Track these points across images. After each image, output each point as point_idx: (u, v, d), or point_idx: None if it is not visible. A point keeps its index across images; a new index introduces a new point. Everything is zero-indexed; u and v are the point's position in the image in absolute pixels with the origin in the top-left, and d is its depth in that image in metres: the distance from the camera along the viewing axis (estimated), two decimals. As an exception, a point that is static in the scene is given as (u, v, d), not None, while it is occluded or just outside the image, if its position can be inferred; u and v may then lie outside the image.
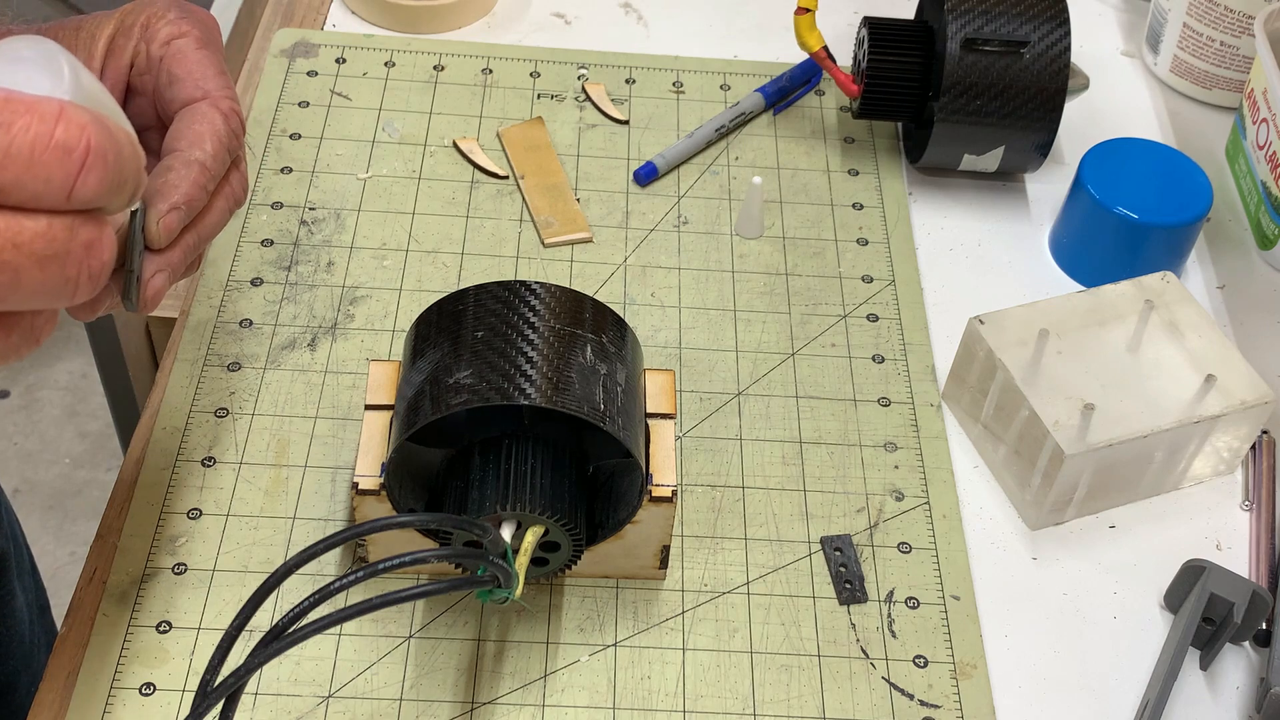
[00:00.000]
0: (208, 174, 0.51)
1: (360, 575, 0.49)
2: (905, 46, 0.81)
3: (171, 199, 0.50)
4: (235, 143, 0.53)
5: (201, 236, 0.52)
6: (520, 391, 0.56)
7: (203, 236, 0.52)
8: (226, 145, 0.52)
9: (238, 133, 0.53)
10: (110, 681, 0.59)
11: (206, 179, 0.51)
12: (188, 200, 0.50)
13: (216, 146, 0.52)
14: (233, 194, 0.54)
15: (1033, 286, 0.79)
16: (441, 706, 0.59)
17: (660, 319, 0.75)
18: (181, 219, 0.50)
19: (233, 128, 0.53)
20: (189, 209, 0.50)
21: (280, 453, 0.67)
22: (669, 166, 0.83)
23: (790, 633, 0.63)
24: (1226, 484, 0.71)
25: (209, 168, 0.51)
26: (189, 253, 0.51)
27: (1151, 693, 0.61)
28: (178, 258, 0.51)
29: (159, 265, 0.50)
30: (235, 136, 0.53)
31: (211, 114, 0.52)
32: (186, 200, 0.50)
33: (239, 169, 0.54)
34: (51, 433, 1.73)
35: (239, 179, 0.54)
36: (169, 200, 0.50)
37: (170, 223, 0.49)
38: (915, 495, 0.68)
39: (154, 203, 0.50)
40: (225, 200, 0.53)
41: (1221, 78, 0.90)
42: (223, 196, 0.53)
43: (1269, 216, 0.81)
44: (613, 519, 0.61)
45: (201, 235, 0.52)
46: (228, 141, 0.52)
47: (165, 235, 0.49)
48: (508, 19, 0.92)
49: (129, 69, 0.54)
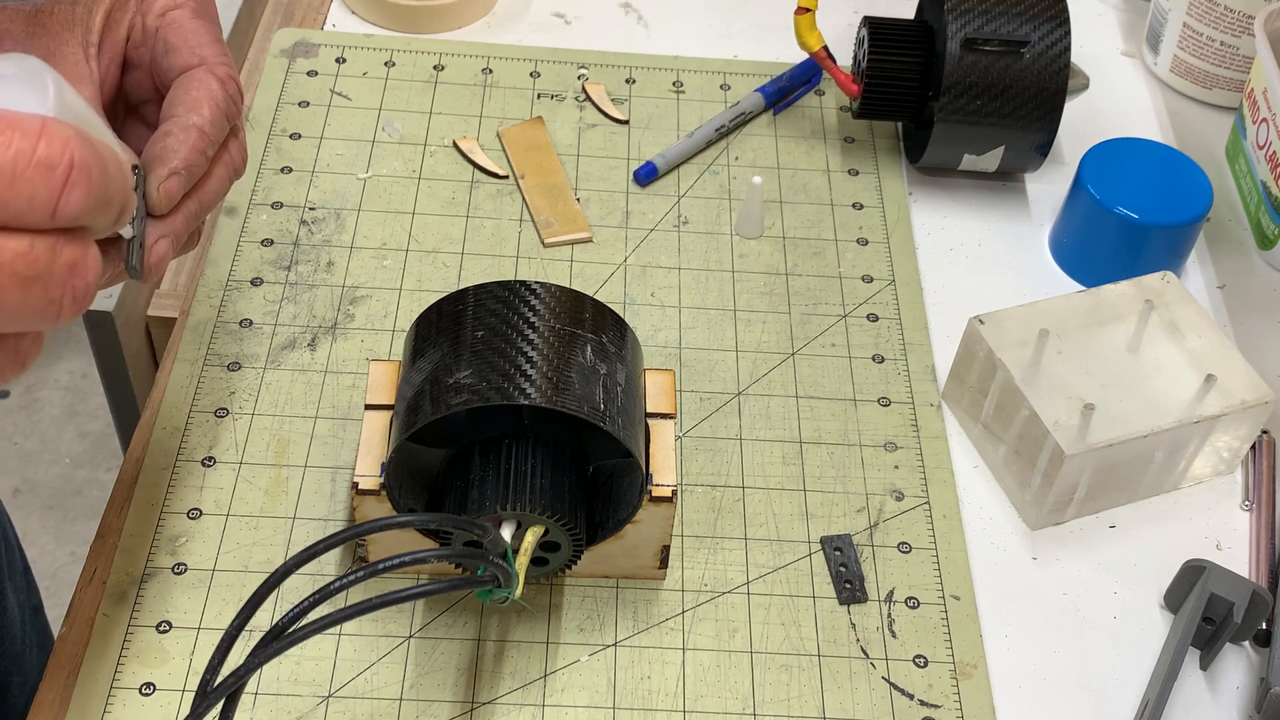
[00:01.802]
0: (206, 139, 0.50)
1: (360, 575, 0.49)
2: (905, 46, 0.81)
3: (171, 164, 0.49)
4: (233, 108, 0.52)
5: (203, 204, 0.52)
6: (520, 391, 0.55)
7: (204, 204, 0.52)
8: (224, 110, 0.52)
9: (235, 99, 0.52)
10: (110, 681, 0.59)
11: (205, 144, 0.50)
12: (187, 165, 0.49)
13: (214, 112, 0.51)
14: (232, 162, 0.53)
15: (1033, 286, 0.79)
16: (441, 706, 0.59)
17: (660, 319, 0.75)
18: (182, 183, 0.49)
19: (230, 93, 0.52)
20: (189, 174, 0.50)
21: (280, 453, 0.67)
22: (669, 166, 0.83)
23: (790, 633, 0.63)
24: (1226, 484, 0.71)
25: (207, 133, 0.51)
26: (191, 220, 0.51)
27: (1151, 693, 0.61)
28: (180, 224, 0.50)
29: (162, 231, 0.49)
30: (233, 102, 0.52)
31: (208, 80, 0.52)
32: (185, 165, 0.49)
33: (238, 137, 0.54)
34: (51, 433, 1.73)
35: (238, 147, 0.54)
36: (168, 165, 0.49)
37: (171, 187, 0.49)
38: (915, 495, 0.68)
39: (153, 168, 0.49)
40: (225, 168, 0.53)
41: (1221, 78, 0.90)
42: (222, 164, 0.52)
43: (1269, 216, 0.81)
44: (613, 519, 0.61)
45: (203, 203, 0.52)
46: (225, 107, 0.52)
47: (166, 200, 0.49)
48: (508, 19, 0.92)
49: (125, 42, 0.54)
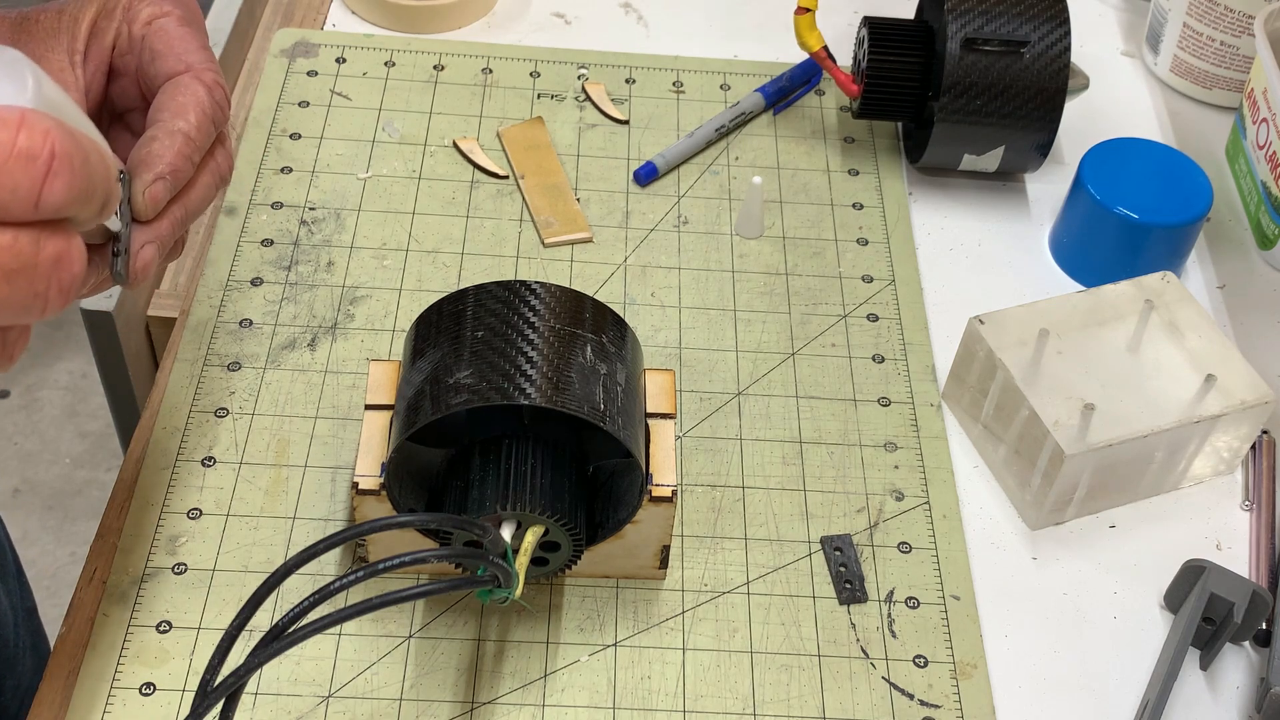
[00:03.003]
0: (192, 144, 0.50)
1: (360, 575, 0.49)
2: (905, 46, 0.81)
3: (156, 169, 0.49)
4: (220, 115, 0.52)
5: (189, 210, 0.51)
6: (520, 391, 0.55)
7: (190, 211, 0.52)
8: (211, 116, 0.51)
9: (222, 105, 0.52)
10: (110, 681, 0.59)
11: (191, 149, 0.50)
12: (172, 170, 0.49)
13: (200, 117, 0.51)
14: (218, 169, 0.53)
15: (1033, 286, 0.79)
16: (441, 706, 0.59)
17: (660, 319, 0.75)
18: (167, 189, 0.49)
19: (217, 100, 0.52)
20: (174, 179, 0.50)
21: (280, 453, 0.67)
22: (669, 166, 0.83)
23: (790, 633, 0.63)
24: (1226, 484, 0.71)
25: (193, 138, 0.50)
26: (176, 226, 0.51)
27: (1151, 693, 0.61)
28: (166, 230, 0.50)
29: (148, 237, 0.49)
30: (219, 108, 0.52)
31: (194, 86, 0.52)
32: (171, 170, 0.49)
33: (224, 145, 0.54)
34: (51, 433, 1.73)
35: (224, 154, 0.53)
36: (154, 170, 0.49)
37: (156, 193, 0.49)
38: (915, 495, 0.68)
39: (139, 173, 0.49)
40: (211, 175, 0.53)
41: (1221, 78, 0.90)
42: (208, 171, 0.52)
43: (1269, 216, 0.81)
44: (613, 519, 0.61)
45: (189, 209, 0.51)
46: (212, 113, 0.52)
47: (152, 206, 0.49)
48: (508, 19, 0.92)
49: (111, 50, 0.54)
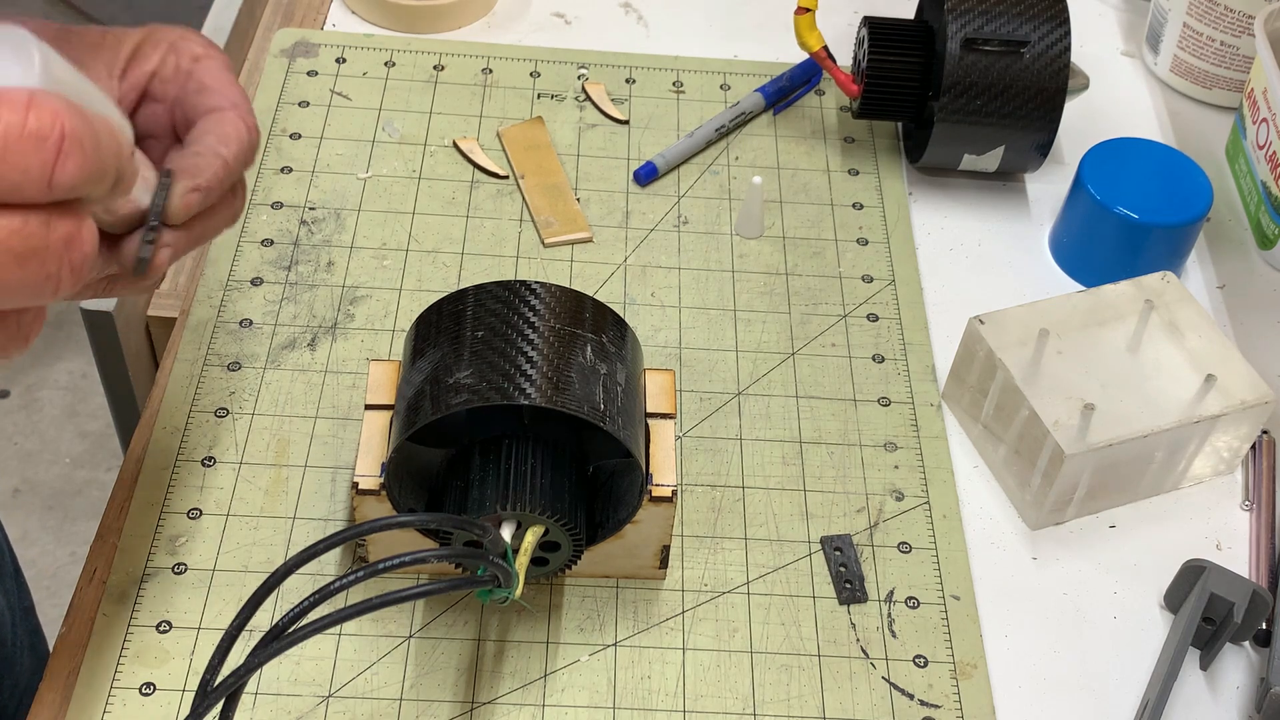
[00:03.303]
0: (228, 170, 0.52)
1: (360, 575, 0.49)
2: (905, 46, 0.81)
3: (197, 179, 0.50)
4: (250, 158, 0.53)
5: (203, 232, 0.52)
6: (520, 391, 0.56)
7: (204, 233, 0.52)
8: (245, 156, 0.53)
9: (254, 149, 0.54)
10: (110, 681, 0.59)
11: (226, 174, 0.51)
12: (209, 186, 0.50)
13: (239, 151, 0.52)
14: (233, 206, 0.54)
15: (1033, 286, 0.79)
16: (441, 706, 0.59)
17: (660, 319, 0.75)
18: (201, 200, 0.50)
19: (252, 142, 0.53)
20: (207, 194, 0.50)
21: (280, 453, 0.67)
22: (669, 166, 0.83)
23: (790, 633, 0.63)
24: (1226, 484, 0.71)
25: (230, 166, 0.52)
26: (190, 242, 0.52)
27: (1151, 693, 0.61)
28: (183, 240, 0.51)
29: (167, 240, 0.50)
30: (251, 152, 0.53)
31: (238, 123, 0.53)
32: (208, 185, 0.50)
33: (243, 186, 0.55)
34: (51, 433, 1.73)
35: (241, 196, 0.55)
36: (195, 179, 0.50)
37: (191, 201, 0.50)
38: (915, 495, 0.68)
39: (180, 178, 0.50)
40: (227, 209, 0.54)
41: (1221, 77, 0.90)
42: (226, 204, 0.53)
43: (1269, 216, 0.81)
44: (613, 519, 0.61)
45: (204, 231, 0.52)
46: (247, 154, 0.53)
47: (184, 210, 0.50)
48: (508, 19, 0.92)
49: (151, 76, 0.55)
